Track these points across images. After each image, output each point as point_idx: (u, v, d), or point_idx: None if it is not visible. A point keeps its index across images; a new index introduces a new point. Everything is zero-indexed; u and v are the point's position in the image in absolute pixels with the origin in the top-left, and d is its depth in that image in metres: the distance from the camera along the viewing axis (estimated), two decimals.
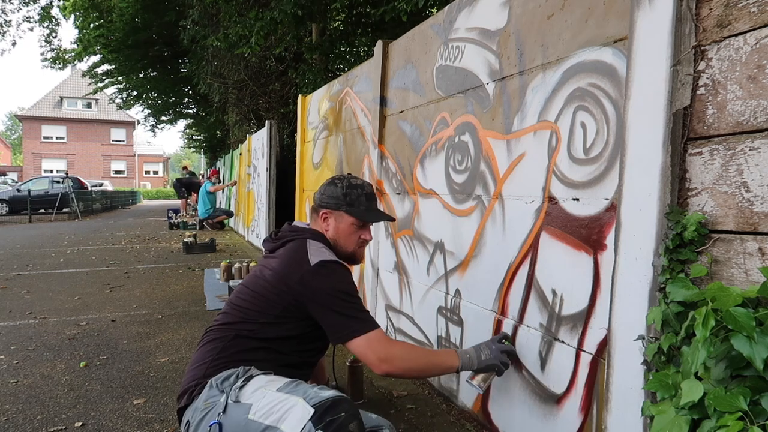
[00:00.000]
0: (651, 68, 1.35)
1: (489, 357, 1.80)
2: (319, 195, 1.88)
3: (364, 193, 1.87)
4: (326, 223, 1.85)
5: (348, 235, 1.86)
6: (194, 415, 1.53)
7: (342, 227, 1.85)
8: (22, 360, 3.02)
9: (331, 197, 1.84)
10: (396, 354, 1.67)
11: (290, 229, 1.86)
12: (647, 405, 1.28)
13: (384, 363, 1.63)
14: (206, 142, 21.76)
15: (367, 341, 1.63)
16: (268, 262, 1.79)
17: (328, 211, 1.85)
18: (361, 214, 1.85)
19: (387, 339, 1.70)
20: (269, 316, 1.68)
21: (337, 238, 1.85)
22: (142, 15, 11.27)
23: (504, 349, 1.84)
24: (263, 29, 6.69)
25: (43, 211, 16.68)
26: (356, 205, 1.84)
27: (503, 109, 2.10)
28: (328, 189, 1.87)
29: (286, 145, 8.49)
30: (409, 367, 1.70)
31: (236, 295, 1.79)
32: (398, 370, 1.67)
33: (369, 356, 1.63)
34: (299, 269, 1.67)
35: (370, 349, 1.63)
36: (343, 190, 1.84)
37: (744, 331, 0.99)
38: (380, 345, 1.65)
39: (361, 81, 3.77)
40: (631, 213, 1.40)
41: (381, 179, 3.31)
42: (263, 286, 1.71)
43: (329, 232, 1.85)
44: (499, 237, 2.12)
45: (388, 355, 1.64)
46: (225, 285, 4.94)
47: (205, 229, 11.06)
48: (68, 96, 39.01)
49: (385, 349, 1.65)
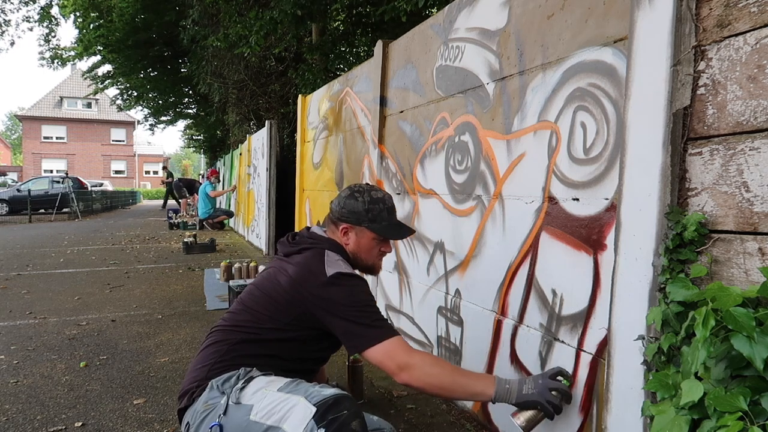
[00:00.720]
0: (651, 68, 1.35)
1: (532, 392, 1.55)
2: (338, 207, 1.80)
3: (386, 208, 1.80)
4: (346, 237, 1.80)
5: (369, 250, 1.81)
6: (194, 416, 1.53)
7: (363, 242, 1.79)
8: (22, 360, 3.02)
9: (352, 212, 1.77)
10: (417, 364, 1.54)
11: (309, 235, 1.81)
12: (647, 405, 1.28)
13: (403, 372, 1.53)
14: (206, 142, 21.75)
15: (385, 349, 1.55)
16: (282, 265, 1.74)
17: (348, 226, 1.78)
18: (384, 230, 1.80)
19: (408, 347, 1.59)
20: (278, 322, 1.65)
21: (358, 252, 1.81)
22: (142, 15, 11.27)
23: (553, 387, 1.56)
24: (263, 29, 6.69)
25: (43, 211, 16.68)
26: (378, 221, 1.78)
27: (503, 109, 2.10)
28: (348, 203, 1.78)
29: (286, 145, 8.49)
30: (432, 381, 1.54)
31: (247, 295, 1.76)
32: (418, 382, 1.54)
33: (388, 364, 1.54)
34: (315, 280, 1.63)
35: (388, 357, 1.54)
36: (365, 205, 1.77)
37: (744, 331, 0.99)
38: (400, 353, 1.55)
39: (361, 81, 3.77)
40: (631, 213, 1.40)
41: (381, 179, 3.31)
42: (276, 290, 1.67)
43: (349, 246, 1.80)
44: (499, 237, 2.12)
45: (408, 364, 1.53)
46: (225, 285, 4.94)
47: (205, 229, 11.06)
48: (68, 96, 39.02)
49: (404, 357, 1.55)
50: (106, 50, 12.70)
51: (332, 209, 1.83)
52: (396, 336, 1.59)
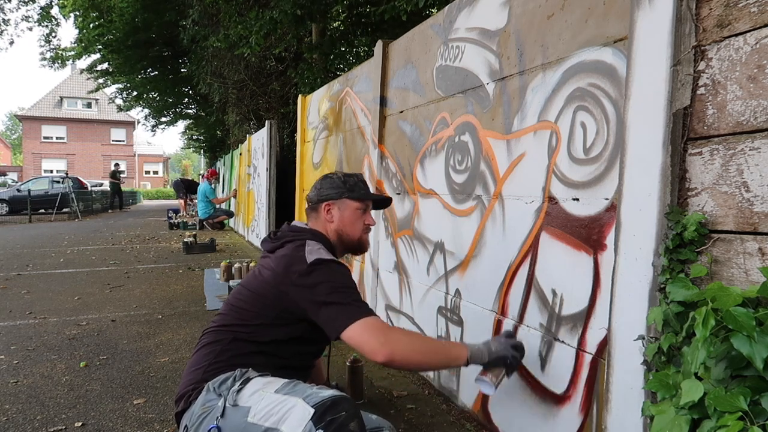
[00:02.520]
0: (651, 68, 1.35)
1: (499, 348, 1.67)
2: (315, 192, 1.88)
3: (360, 181, 1.91)
4: (330, 214, 1.85)
5: (353, 222, 1.86)
6: (192, 419, 1.52)
7: (347, 215, 1.85)
8: (22, 360, 3.02)
9: (331, 188, 1.85)
10: (397, 338, 1.56)
11: (289, 229, 1.85)
12: (647, 405, 1.28)
13: (384, 347, 1.50)
14: (206, 142, 21.76)
15: (363, 326, 1.53)
16: (266, 262, 1.77)
17: (330, 203, 1.84)
18: (365, 197, 1.88)
19: (386, 324, 1.61)
20: (267, 317, 1.66)
21: (343, 227, 1.85)
22: (142, 15, 11.25)
23: (513, 344, 1.71)
24: (263, 29, 6.68)
25: (43, 211, 16.68)
26: (356, 190, 1.87)
27: (503, 109, 2.10)
28: (324, 183, 1.88)
29: (286, 145, 8.49)
30: (412, 353, 1.56)
31: (234, 296, 1.77)
32: (400, 356, 1.52)
33: (367, 342, 1.51)
34: (297, 268, 1.64)
35: (367, 333, 1.52)
36: (341, 179, 1.87)
37: (744, 330, 0.99)
38: (379, 329, 1.54)
39: (361, 81, 3.77)
40: (631, 213, 1.40)
41: (381, 179, 3.31)
42: (262, 286, 1.69)
43: (334, 223, 1.84)
44: (499, 237, 2.12)
45: (388, 339, 1.52)
46: (225, 285, 4.94)
47: (205, 229, 11.05)
48: (68, 96, 39.02)
49: (384, 333, 1.53)
50: (106, 50, 12.70)
51: (310, 198, 1.90)
52: (375, 315, 1.60)
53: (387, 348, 1.51)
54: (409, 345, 1.58)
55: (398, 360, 1.54)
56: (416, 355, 1.58)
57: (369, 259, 3.46)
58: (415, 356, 1.58)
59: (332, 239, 1.85)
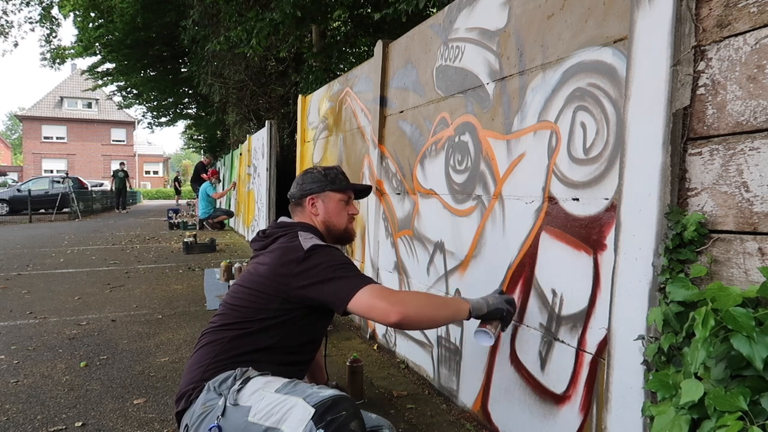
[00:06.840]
0: (651, 68, 1.35)
1: (496, 302, 1.72)
2: (298, 187, 1.91)
3: (340, 172, 1.94)
4: (314, 208, 1.88)
5: (338, 213, 1.90)
6: (193, 419, 1.52)
7: (331, 206, 1.89)
8: (23, 360, 3.02)
9: (313, 182, 1.89)
10: (406, 297, 1.63)
11: (278, 225, 1.86)
12: (647, 405, 1.28)
13: (396, 306, 1.52)
14: (206, 143, 21.75)
15: (370, 292, 1.56)
16: (260, 259, 1.77)
17: (314, 196, 1.88)
18: (347, 187, 1.93)
19: (391, 288, 1.66)
20: (268, 311, 1.65)
21: (329, 219, 1.89)
22: (142, 15, 11.25)
23: (506, 299, 1.76)
24: (263, 30, 6.67)
25: (43, 211, 16.67)
26: (338, 182, 1.91)
27: (503, 109, 2.10)
28: (305, 178, 1.91)
29: (286, 145, 8.49)
30: (423, 308, 1.61)
31: (231, 295, 1.77)
32: (413, 311, 1.56)
33: (377, 305, 1.53)
34: (294, 257, 1.66)
35: (375, 298, 1.54)
36: (321, 173, 1.90)
37: (744, 330, 0.99)
38: (386, 292, 1.58)
39: (361, 81, 3.77)
40: (631, 213, 1.40)
41: (381, 179, 3.31)
42: (259, 282, 1.69)
43: (320, 216, 1.88)
44: (499, 237, 2.12)
45: (398, 300, 1.56)
46: (225, 285, 4.94)
47: (205, 229, 11.05)
48: (68, 96, 39.01)
49: (392, 294, 1.59)
50: (106, 50, 12.70)
51: (293, 194, 1.93)
52: (378, 283, 1.65)
53: (399, 306, 1.54)
54: (418, 302, 1.65)
55: (411, 316, 1.56)
56: (426, 309, 1.63)
57: (369, 259, 3.46)
58: (426, 311, 1.63)
59: (321, 230, 1.88)
